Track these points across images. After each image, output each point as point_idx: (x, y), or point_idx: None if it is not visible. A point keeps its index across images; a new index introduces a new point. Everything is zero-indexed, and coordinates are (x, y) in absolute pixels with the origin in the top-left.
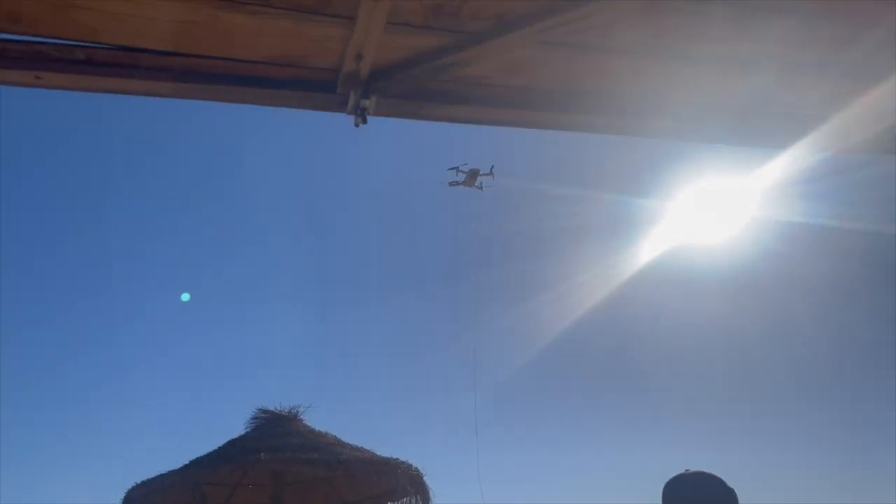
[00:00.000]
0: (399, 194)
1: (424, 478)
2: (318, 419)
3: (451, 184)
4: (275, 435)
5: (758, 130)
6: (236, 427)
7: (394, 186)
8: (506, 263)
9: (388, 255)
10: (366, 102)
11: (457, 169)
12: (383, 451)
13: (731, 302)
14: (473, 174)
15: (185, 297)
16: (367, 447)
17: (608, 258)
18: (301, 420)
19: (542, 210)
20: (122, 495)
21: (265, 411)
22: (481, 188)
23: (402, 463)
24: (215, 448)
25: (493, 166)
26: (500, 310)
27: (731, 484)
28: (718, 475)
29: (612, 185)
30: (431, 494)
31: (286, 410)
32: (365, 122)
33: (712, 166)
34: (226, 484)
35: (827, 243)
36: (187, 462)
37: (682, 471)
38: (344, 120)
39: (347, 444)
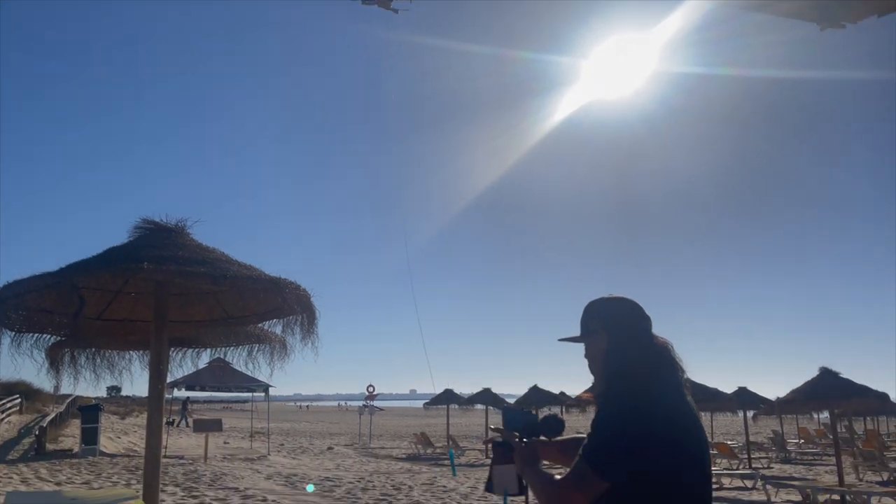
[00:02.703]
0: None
1: (312, 298)
2: (206, 235)
3: (363, 1)
4: (159, 246)
5: None
6: (118, 237)
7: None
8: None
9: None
10: None
11: None
12: (272, 271)
13: (638, 152)
14: None
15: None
16: (256, 266)
17: (523, 118)
18: (188, 234)
19: (457, 67)
20: None
21: (150, 222)
22: (396, 12)
23: (291, 283)
24: (95, 254)
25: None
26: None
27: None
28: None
29: (525, 43)
30: (318, 314)
31: (172, 223)
32: None
33: (618, 22)
34: (106, 290)
35: (722, 91)
36: (64, 265)
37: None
38: None
39: (236, 260)
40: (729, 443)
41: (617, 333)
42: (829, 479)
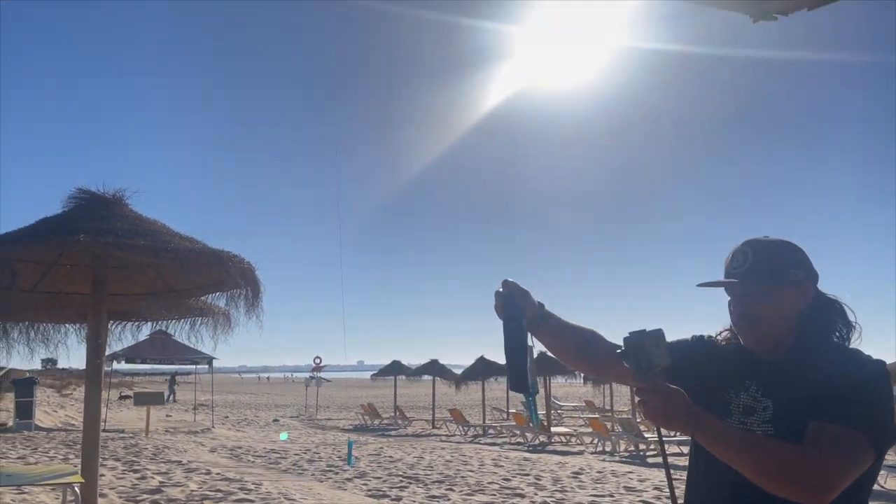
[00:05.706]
0: None
1: (256, 272)
2: (146, 206)
3: None
4: (96, 217)
5: None
6: (52, 209)
7: None
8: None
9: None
10: None
11: None
12: (215, 244)
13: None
14: None
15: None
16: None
17: (460, 96)
18: (126, 204)
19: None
20: None
21: (85, 191)
22: None
23: (235, 256)
24: (27, 225)
25: None
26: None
27: None
28: None
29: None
30: (262, 288)
31: (110, 193)
32: None
33: None
34: (40, 262)
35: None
36: None
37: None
38: None
39: (177, 232)
40: None
41: (817, 285)
42: None
